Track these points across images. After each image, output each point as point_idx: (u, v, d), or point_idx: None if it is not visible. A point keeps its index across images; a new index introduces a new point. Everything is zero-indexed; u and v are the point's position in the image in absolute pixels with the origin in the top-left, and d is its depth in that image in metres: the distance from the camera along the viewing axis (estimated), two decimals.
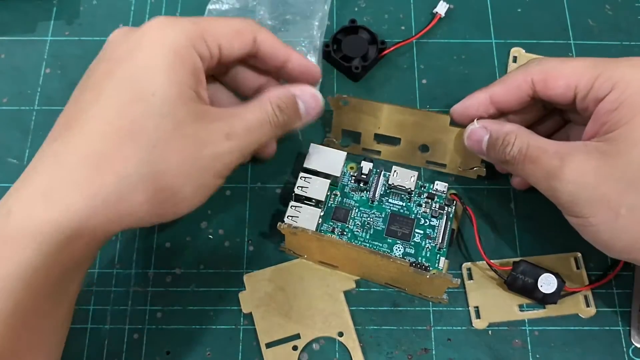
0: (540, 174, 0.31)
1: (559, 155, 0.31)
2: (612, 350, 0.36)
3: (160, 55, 0.29)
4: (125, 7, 0.46)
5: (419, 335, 0.36)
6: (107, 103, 0.28)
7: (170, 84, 0.28)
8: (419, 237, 0.37)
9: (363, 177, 0.38)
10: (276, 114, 0.32)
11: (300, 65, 0.35)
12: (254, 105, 0.32)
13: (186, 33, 0.30)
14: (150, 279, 0.38)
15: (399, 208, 0.38)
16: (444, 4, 0.44)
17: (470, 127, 0.35)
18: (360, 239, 0.37)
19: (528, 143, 0.32)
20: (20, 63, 0.44)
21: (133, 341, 0.36)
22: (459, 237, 0.38)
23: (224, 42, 0.31)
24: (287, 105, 0.33)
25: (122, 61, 0.29)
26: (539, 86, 0.33)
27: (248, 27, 0.32)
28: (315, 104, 0.34)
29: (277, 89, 0.33)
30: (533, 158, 0.32)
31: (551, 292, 0.36)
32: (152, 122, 0.28)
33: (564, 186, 0.30)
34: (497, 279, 0.37)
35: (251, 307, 0.37)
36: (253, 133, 0.31)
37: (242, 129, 0.31)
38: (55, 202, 0.27)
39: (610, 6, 0.45)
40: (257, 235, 0.39)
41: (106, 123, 0.28)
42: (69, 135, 0.28)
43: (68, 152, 0.28)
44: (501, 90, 0.35)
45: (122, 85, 0.28)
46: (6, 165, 0.41)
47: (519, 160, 0.32)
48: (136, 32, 0.30)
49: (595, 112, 0.31)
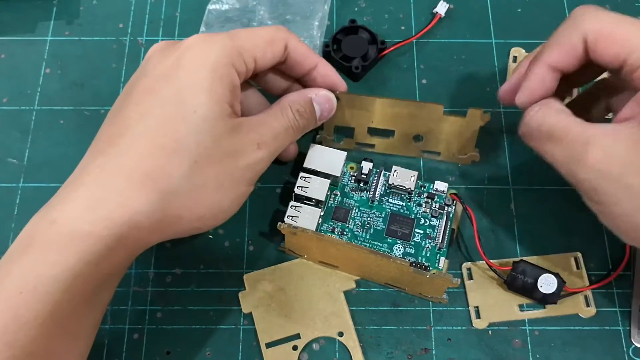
0: (561, 157, 0.29)
1: (583, 138, 0.28)
2: (612, 350, 0.36)
3: (202, 74, 0.30)
4: (125, 7, 0.46)
5: (419, 335, 0.36)
6: (152, 121, 0.29)
7: (210, 102, 0.29)
8: (419, 237, 0.37)
9: (363, 177, 0.38)
10: (297, 118, 0.34)
11: (325, 76, 0.36)
12: (277, 112, 0.33)
13: (225, 51, 0.31)
14: (150, 279, 0.38)
15: (399, 208, 0.38)
16: (444, 4, 0.45)
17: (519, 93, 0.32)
18: (360, 238, 0.37)
19: (551, 119, 0.30)
20: (20, 63, 0.44)
21: (133, 341, 0.36)
22: (459, 237, 0.38)
23: (259, 55, 0.32)
24: (306, 109, 0.34)
25: (164, 79, 0.30)
26: (590, 48, 0.30)
27: (280, 35, 0.33)
28: (329, 105, 0.36)
29: (295, 94, 0.35)
30: (555, 136, 0.29)
31: (551, 292, 0.36)
32: (194, 139, 0.29)
33: (585, 174, 0.28)
34: (497, 279, 0.37)
35: (251, 307, 0.37)
36: (279, 139, 0.33)
37: (270, 137, 0.32)
38: (100, 216, 0.28)
39: (610, 6, 0.45)
40: (257, 235, 0.39)
41: (151, 141, 0.29)
42: (114, 151, 0.29)
43: (113, 168, 0.29)
44: (558, 55, 0.31)
45: (166, 104, 0.29)
46: (6, 165, 0.41)
47: (540, 135, 0.30)
48: (176, 50, 0.31)
49: (637, 96, 0.29)
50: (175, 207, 0.29)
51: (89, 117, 0.42)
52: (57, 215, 0.28)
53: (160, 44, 0.33)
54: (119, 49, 0.44)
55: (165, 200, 0.29)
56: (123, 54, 0.44)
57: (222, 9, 0.44)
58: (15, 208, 0.40)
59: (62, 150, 0.41)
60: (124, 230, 0.28)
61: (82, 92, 0.43)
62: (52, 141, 0.41)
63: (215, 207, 0.31)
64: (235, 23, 0.43)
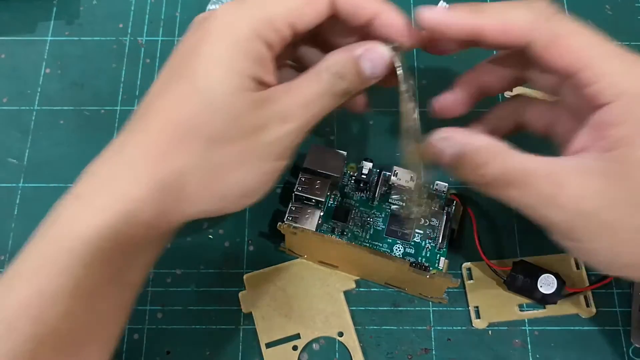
0: (529, 201, 0.28)
1: (552, 180, 0.27)
2: (612, 350, 0.36)
3: (222, 48, 0.28)
4: (125, 7, 0.46)
5: (419, 335, 0.36)
6: (168, 97, 0.28)
7: (226, 77, 0.27)
8: (419, 237, 0.37)
9: (363, 177, 0.38)
10: (334, 81, 0.29)
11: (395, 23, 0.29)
12: (309, 77, 0.29)
13: (251, 21, 0.28)
14: (150, 279, 0.38)
15: (399, 208, 0.38)
16: (444, 4, 0.44)
17: (432, 139, 0.29)
18: (360, 238, 0.37)
19: (512, 164, 0.27)
20: (20, 63, 0.44)
21: (133, 341, 0.36)
22: (459, 237, 0.38)
23: (295, 19, 0.28)
24: (347, 69, 0.29)
25: (189, 54, 0.29)
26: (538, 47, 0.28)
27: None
28: (381, 62, 0.29)
29: (335, 53, 0.29)
30: (519, 183, 0.27)
31: (551, 292, 0.35)
32: (209, 116, 0.27)
33: (561, 215, 0.27)
34: (497, 279, 0.37)
35: (251, 307, 0.37)
36: (311, 108, 0.29)
37: (298, 107, 0.28)
38: (115, 191, 0.27)
39: (610, 6, 0.45)
40: (257, 235, 0.39)
41: (166, 118, 0.28)
42: (135, 128, 0.29)
43: (131, 144, 0.28)
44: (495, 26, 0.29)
45: (183, 79, 0.28)
46: (6, 165, 0.41)
47: (499, 184, 0.28)
48: (208, 20, 0.29)
49: (593, 122, 0.27)
50: (192, 185, 0.28)
51: (89, 117, 0.42)
52: (80, 191, 0.28)
53: (195, 19, 0.30)
54: (119, 49, 0.44)
55: (181, 179, 0.28)
56: (123, 54, 0.44)
57: None
58: (15, 208, 0.40)
59: (62, 150, 0.41)
60: (138, 205, 0.27)
61: (82, 92, 0.43)
62: (52, 141, 0.41)
63: (238, 185, 0.29)
64: None
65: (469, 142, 0.28)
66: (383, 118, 0.42)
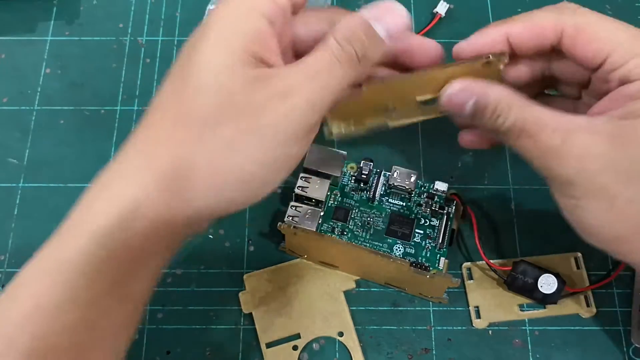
0: (537, 152, 0.28)
1: (560, 132, 0.28)
2: (612, 350, 0.36)
3: (218, 31, 0.26)
4: (125, 7, 0.46)
5: (419, 335, 0.36)
6: (167, 86, 0.27)
7: (218, 55, 0.26)
8: (419, 237, 0.37)
9: (363, 177, 0.38)
10: (344, 48, 0.27)
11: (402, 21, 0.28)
12: (316, 48, 0.27)
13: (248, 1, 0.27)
14: None
15: (399, 208, 0.38)
16: (444, 3, 0.44)
17: (449, 87, 0.30)
18: (360, 238, 0.37)
19: (524, 115, 0.28)
20: (20, 63, 0.44)
21: (133, 341, 0.36)
22: (459, 237, 0.38)
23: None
24: (358, 34, 0.27)
25: (189, 47, 0.27)
26: (567, 41, 0.29)
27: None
28: (401, 21, 0.28)
29: (346, 19, 0.27)
30: (530, 133, 0.28)
31: (551, 292, 0.36)
32: (202, 98, 0.26)
33: (562, 169, 0.28)
34: (497, 279, 0.37)
35: (251, 307, 0.37)
36: (319, 79, 0.26)
37: (304, 79, 0.26)
38: (110, 193, 0.26)
39: (610, 6, 0.45)
40: (257, 235, 0.39)
41: (163, 107, 0.27)
42: (138, 128, 0.28)
43: (129, 145, 0.27)
44: (523, 30, 0.30)
45: (181, 71, 0.27)
46: (6, 165, 0.41)
47: (513, 133, 0.28)
48: (211, 15, 0.27)
49: (616, 92, 0.28)
50: (194, 175, 0.26)
51: (89, 117, 0.42)
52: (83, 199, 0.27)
53: None
54: (119, 49, 0.44)
55: (180, 169, 0.26)
56: (123, 54, 0.44)
57: None
58: (15, 208, 0.40)
59: (62, 150, 0.41)
60: (132, 203, 0.25)
61: (82, 92, 0.43)
62: (52, 141, 0.41)
63: (240, 172, 0.26)
64: None
65: (488, 92, 0.29)
66: None
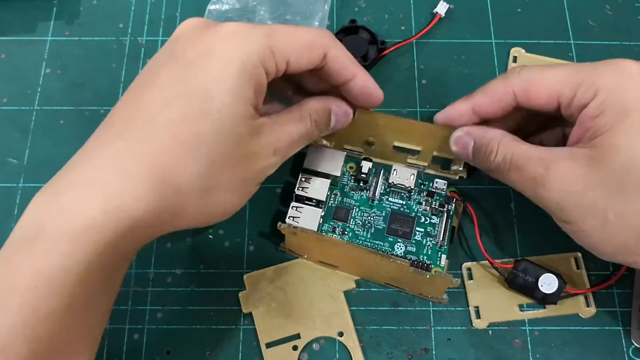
0: (526, 182, 0.31)
1: (543, 162, 0.31)
2: (612, 350, 0.36)
3: (231, 71, 0.29)
4: (125, 7, 0.46)
5: (419, 335, 0.36)
6: (176, 113, 0.28)
7: (236, 102, 0.29)
8: (420, 235, 0.37)
9: (363, 176, 0.38)
10: (314, 128, 0.33)
11: (364, 87, 0.34)
12: (295, 118, 0.33)
13: (259, 49, 0.29)
14: (150, 279, 0.38)
15: (399, 206, 0.38)
16: (444, 4, 0.45)
17: (455, 134, 0.35)
18: (361, 238, 0.37)
19: (512, 150, 0.32)
20: (20, 63, 0.44)
21: (133, 341, 0.36)
22: (459, 234, 0.38)
23: (293, 58, 0.31)
24: (323, 119, 0.34)
25: (193, 67, 0.29)
26: (521, 97, 0.33)
27: (320, 42, 0.31)
28: (345, 120, 0.35)
29: (316, 101, 0.34)
30: (518, 165, 0.31)
31: (551, 292, 0.36)
32: (215, 139, 0.28)
33: (549, 194, 0.30)
34: (498, 278, 0.37)
35: (251, 307, 0.37)
36: (293, 146, 0.33)
37: (287, 143, 0.32)
38: (114, 206, 0.27)
39: (610, 6, 0.45)
40: (257, 235, 0.39)
41: (173, 135, 0.28)
42: (133, 137, 0.28)
43: (132, 157, 0.27)
44: (483, 100, 0.34)
45: (192, 97, 0.28)
46: (6, 165, 0.41)
47: (504, 168, 0.32)
48: (209, 35, 0.30)
49: (579, 118, 0.31)
50: (186, 204, 0.29)
51: (89, 117, 0.42)
52: (67, 203, 0.27)
53: (193, 21, 0.31)
54: (119, 49, 0.44)
55: (178, 196, 0.28)
56: (123, 54, 0.44)
57: (222, 9, 0.44)
58: (15, 208, 0.40)
59: (62, 150, 0.41)
60: (135, 222, 0.27)
61: (82, 92, 0.43)
62: (52, 141, 0.41)
63: (224, 207, 0.31)
64: None
65: (484, 134, 0.34)
66: None
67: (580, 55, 0.43)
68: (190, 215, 0.30)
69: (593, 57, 0.43)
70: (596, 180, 0.29)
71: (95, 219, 0.26)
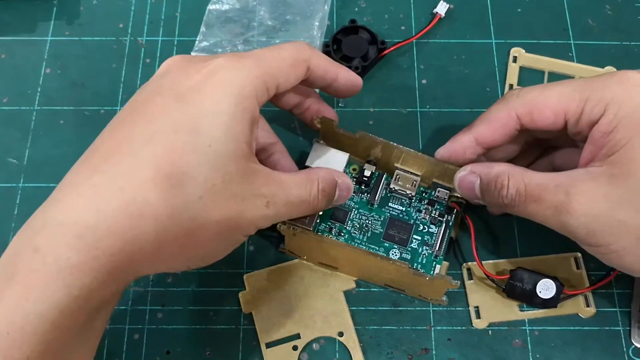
0: (547, 212, 0.30)
1: (562, 188, 0.29)
2: (612, 350, 0.36)
3: (223, 105, 0.27)
4: (125, 7, 0.46)
5: (419, 335, 0.36)
6: (161, 147, 0.27)
7: (227, 138, 0.27)
8: (417, 243, 0.37)
9: (364, 179, 0.38)
10: (319, 198, 0.32)
11: (347, 82, 0.34)
12: (302, 183, 0.31)
13: (250, 81, 0.28)
14: (150, 279, 0.38)
15: (399, 213, 0.38)
16: (444, 4, 0.44)
17: (458, 174, 0.34)
18: (357, 240, 0.37)
19: (525, 182, 0.31)
20: (20, 63, 0.44)
21: (133, 341, 0.36)
22: (456, 245, 0.38)
23: (282, 80, 0.30)
24: (330, 191, 0.33)
25: (182, 101, 0.28)
26: (525, 120, 0.32)
27: (302, 56, 0.31)
28: (347, 194, 0.34)
29: (324, 172, 0.33)
30: (535, 197, 0.30)
31: (550, 296, 0.35)
32: (203, 175, 0.27)
33: (576, 220, 0.29)
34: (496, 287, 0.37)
35: (251, 307, 0.37)
36: (290, 208, 0.31)
37: (283, 202, 0.30)
38: (88, 244, 0.25)
39: (610, 6, 0.45)
40: (257, 236, 0.39)
41: (156, 168, 0.26)
42: (113, 171, 0.26)
43: (109, 191, 0.26)
44: (486, 130, 0.33)
45: (179, 130, 0.27)
46: (6, 165, 0.41)
47: (519, 201, 0.31)
48: (199, 71, 0.28)
49: (591, 136, 0.30)
50: (169, 243, 0.27)
51: (89, 117, 0.42)
52: (41, 243, 0.25)
53: (180, 59, 0.30)
54: (119, 49, 0.44)
55: (161, 234, 0.26)
56: (123, 54, 0.44)
57: (222, 9, 0.44)
58: (15, 208, 0.40)
59: (62, 150, 0.41)
60: (114, 260, 0.25)
61: (82, 92, 0.43)
62: (52, 141, 0.41)
63: (209, 251, 0.29)
64: (235, 23, 0.43)
65: (489, 170, 0.32)
66: (383, 117, 0.42)
67: (580, 56, 0.43)
68: (174, 255, 0.28)
69: (593, 57, 0.43)
70: (622, 197, 0.28)
71: (69, 259, 0.25)
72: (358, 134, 0.37)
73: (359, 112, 0.39)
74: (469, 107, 0.42)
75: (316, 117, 0.36)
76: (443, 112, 0.42)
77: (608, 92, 0.30)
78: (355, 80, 0.35)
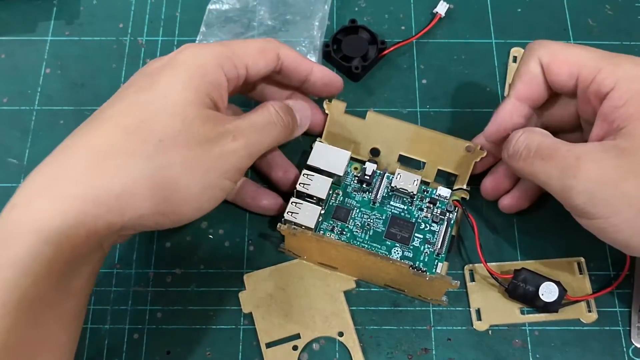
0: (553, 172, 0.30)
1: (573, 153, 0.30)
2: (612, 350, 0.36)
3: (184, 69, 0.30)
4: (125, 7, 0.46)
5: (419, 335, 0.36)
6: (121, 105, 0.30)
7: (185, 88, 0.30)
8: (418, 242, 0.37)
9: (366, 178, 0.38)
10: (280, 114, 0.34)
11: (323, 77, 0.36)
12: (259, 110, 0.34)
13: (215, 53, 0.31)
14: (150, 279, 0.38)
15: (400, 211, 0.38)
16: (444, 4, 0.45)
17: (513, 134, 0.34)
18: (359, 239, 0.37)
19: (538, 140, 0.32)
20: (20, 63, 0.44)
21: (133, 341, 0.36)
22: (459, 243, 0.38)
23: (250, 62, 0.33)
24: (287, 110, 0.35)
25: (150, 74, 0.31)
26: (546, 70, 0.33)
27: (271, 45, 0.34)
28: (306, 113, 0.37)
29: (276, 101, 0.35)
30: (544, 155, 0.31)
31: (552, 300, 0.35)
32: (161, 121, 0.29)
33: (582, 185, 0.29)
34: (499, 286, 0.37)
35: (251, 307, 0.37)
36: (259, 132, 0.32)
37: (248, 128, 0.32)
38: (56, 193, 0.27)
39: (610, 6, 0.45)
40: (257, 236, 0.39)
41: (115, 122, 0.29)
42: (81, 132, 0.30)
43: (75, 146, 0.29)
44: (522, 86, 0.34)
45: (139, 91, 0.30)
46: (6, 165, 0.41)
47: (526, 155, 0.32)
48: (171, 54, 0.32)
49: (601, 111, 0.31)
50: (137, 187, 0.28)
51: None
52: (16, 199, 0.28)
53: None
54: (119, 49, 0.44)
55: (124, 177, 0.28)
56: (123, 54, 0.44)
57: (222, 8, 0.44)
58: None
59: None
60: (80, 206, 0.27)
61: (82, 92, 0.43)
62: (52, 141, 0.40)
63: (182, 191, 0.29)
64: (235, 23, 0.43)
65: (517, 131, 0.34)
66: None
67: None
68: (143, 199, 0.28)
69: None
70: (630, 170, 0.29)
71: (37, 207, 0.27)
72: (368, 115, 0.38)
73: (359, 112, 0.39)
74: (469, 107, 0.42)
75: (326, 100, 0.38)
76: (443, 112, 0.42)
77: (621, 68, 0.31)
78: (332, 77, 0.37)
